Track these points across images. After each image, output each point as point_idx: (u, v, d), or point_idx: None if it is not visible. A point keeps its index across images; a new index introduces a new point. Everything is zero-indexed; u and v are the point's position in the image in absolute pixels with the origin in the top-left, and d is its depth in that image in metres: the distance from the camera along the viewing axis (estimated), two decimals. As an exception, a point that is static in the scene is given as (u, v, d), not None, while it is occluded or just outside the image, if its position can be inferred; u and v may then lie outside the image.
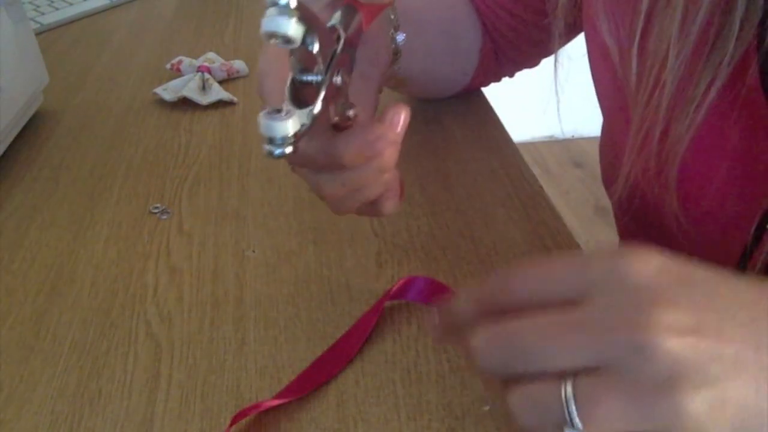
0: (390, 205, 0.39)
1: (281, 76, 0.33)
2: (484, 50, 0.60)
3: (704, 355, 0.23)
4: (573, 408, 0.24)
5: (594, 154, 0.55)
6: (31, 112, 0.67)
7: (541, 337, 0.25)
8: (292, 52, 0.30)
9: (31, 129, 0.67)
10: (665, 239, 0.43)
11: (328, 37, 0.31)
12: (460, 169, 0.57)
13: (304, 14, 0.27)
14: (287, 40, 0.27)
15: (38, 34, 0.87)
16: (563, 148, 2.27)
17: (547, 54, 0.60)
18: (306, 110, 0.31)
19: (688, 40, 0.35)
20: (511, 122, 0.68)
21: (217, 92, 0.70)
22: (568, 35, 0.53)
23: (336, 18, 0.33)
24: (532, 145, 2.25)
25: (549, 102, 0.49)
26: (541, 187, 0.55)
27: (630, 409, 0.23)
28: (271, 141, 0.30)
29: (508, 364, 0.26)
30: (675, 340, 0.23)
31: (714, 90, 0.35)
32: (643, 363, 0.23)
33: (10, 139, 0.63)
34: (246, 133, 0.65)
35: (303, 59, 0.31)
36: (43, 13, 0.92)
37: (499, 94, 0.74)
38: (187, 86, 0.69)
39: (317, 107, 0.31)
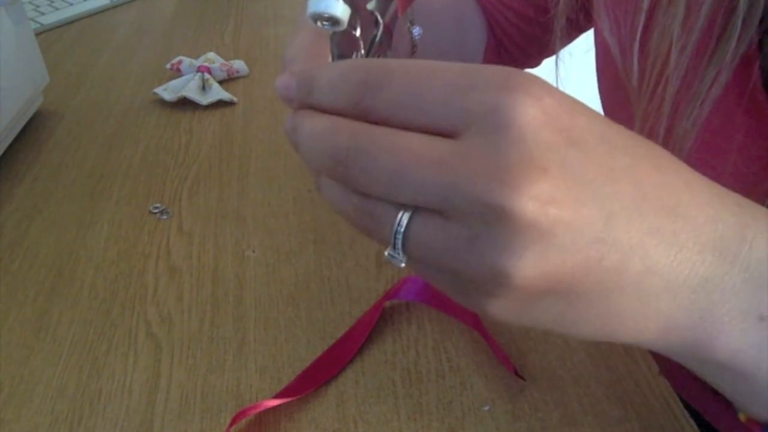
0: None
1: (309, 61, 0.33)
2: (488, 48, 0.60)
3: (550, 224, 0.22)
4: (400, 239, 0.23)
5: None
6: (31, 112, 0.67)
7: (396, 162, 0.22)
8: (332, 36, 0.30)
9: (31, 129, 0.67)
10: None
11: (369, 21, 0.31)
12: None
13: None
14: (335, 22, 0.27)
15: (38, 34, 0.87)
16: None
17: (549, 54, 0.60)
18: None
19: (690, 38, 0.35)
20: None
21: (217, 92, 0.70)
22: (571, 34, 0.53)
23: (372, 4, 0.33)
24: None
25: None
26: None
27: (457, 260, 0.22)
28: None
29: (349, 176, 0.23)
30: (531, 206, 0.21)
31: (718, 86, 0.35)
32: (486, 225, 0.21)
33: (10, 139, 0.63)
34: (246, 133, 0.65)
35: (343, 44, 0.31)
36: (43, 13, 0.92)
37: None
38: (187, 86, 0.69)
39: None
